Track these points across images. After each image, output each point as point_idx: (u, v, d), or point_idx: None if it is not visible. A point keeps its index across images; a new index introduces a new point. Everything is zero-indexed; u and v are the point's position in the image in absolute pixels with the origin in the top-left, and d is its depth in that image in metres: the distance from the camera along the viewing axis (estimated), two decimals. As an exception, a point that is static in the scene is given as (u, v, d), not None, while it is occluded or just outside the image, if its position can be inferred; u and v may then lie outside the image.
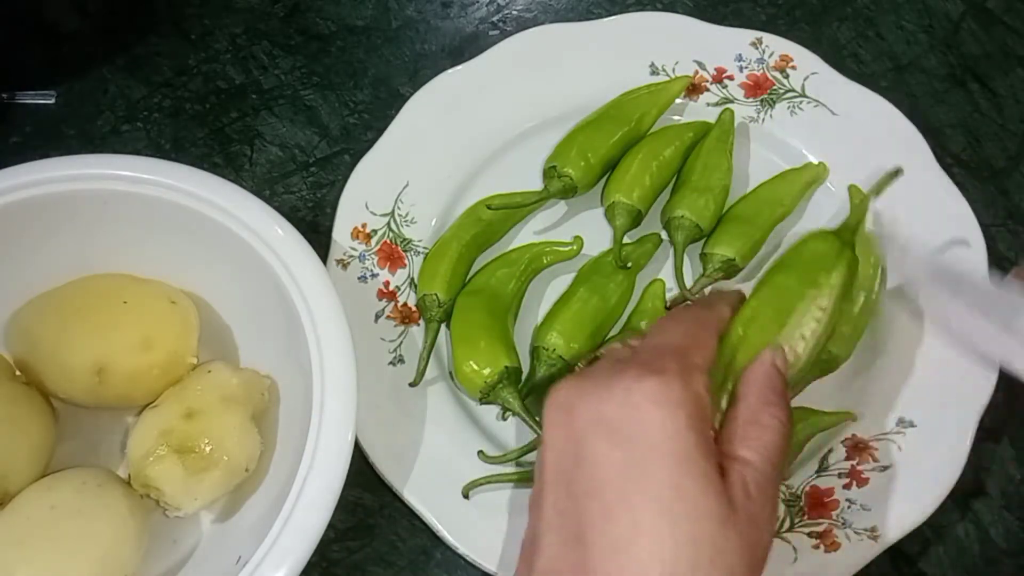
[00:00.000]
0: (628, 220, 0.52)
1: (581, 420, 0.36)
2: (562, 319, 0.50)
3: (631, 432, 0.35)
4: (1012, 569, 0.49)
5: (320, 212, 0.56)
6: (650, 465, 0.34)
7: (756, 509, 0.35)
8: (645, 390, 0.35)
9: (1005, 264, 0.54)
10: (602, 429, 0.35)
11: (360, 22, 0.61)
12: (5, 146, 0.57)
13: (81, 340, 0.46)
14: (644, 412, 0.35)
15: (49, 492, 0.44)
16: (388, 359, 0.51)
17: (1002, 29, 0.61)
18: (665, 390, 0.35)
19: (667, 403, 0.35)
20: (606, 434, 0.35)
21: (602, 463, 0.35)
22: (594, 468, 0.35)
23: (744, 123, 0.56)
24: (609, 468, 0.35)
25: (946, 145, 0.57)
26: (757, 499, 0.36)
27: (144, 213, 0.46)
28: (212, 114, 0.59)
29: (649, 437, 0.35)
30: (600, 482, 0.35)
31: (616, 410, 0.36)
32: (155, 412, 0.46)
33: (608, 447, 0.35)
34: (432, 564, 0.49)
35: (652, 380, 0.36)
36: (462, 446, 0.49)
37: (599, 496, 0.35)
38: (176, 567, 0.47)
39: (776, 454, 0.37)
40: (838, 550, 0.46)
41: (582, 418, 0.36)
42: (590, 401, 0.36)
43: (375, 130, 0.56)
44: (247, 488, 0.47)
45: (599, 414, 0.36)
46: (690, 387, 0.36)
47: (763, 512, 0.36)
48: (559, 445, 0.37)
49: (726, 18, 0.60)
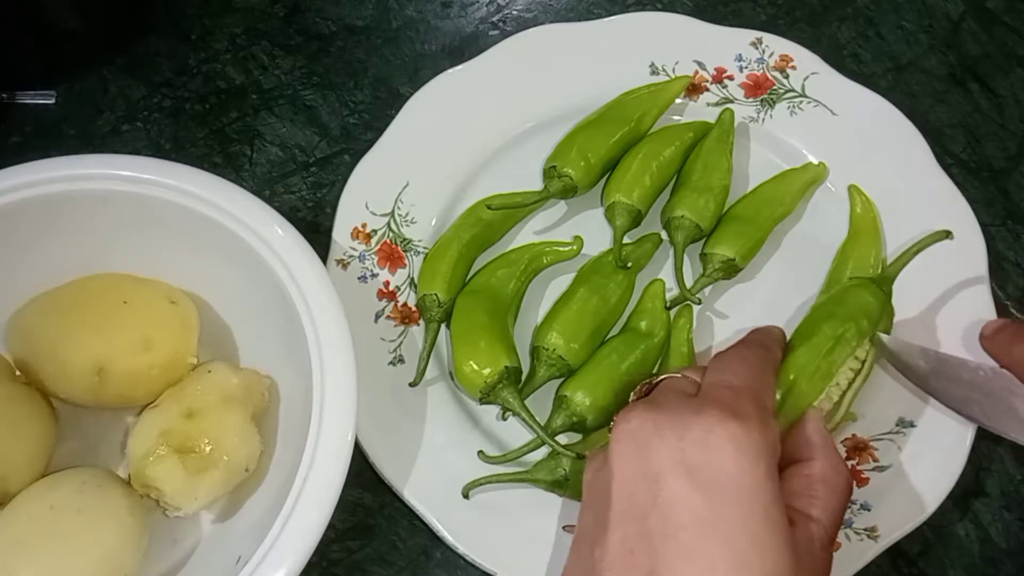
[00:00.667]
0: (628, 220, 0.52)
1: (659, 457, 0.35)
2: (562, 319, 0.50)
3: (713, 476, 0.34)
4: (1012, 569, 0.49)
5: (320, 212, 0.56)
6: (730, 512, 0.33)
7: (819, 567, 0.36)
8: (728, 434, 0.35)
9: (1005, 264, 0.54)
10: (682, 469, 0.34)
11: (360, 22, 0.61)
12: (5, 146, 0.57)
13: (81, 340, 0.46)
14: (728, 457, 0.34)
15: (49, 492, 0.44)
16: (388, 359, 0.51)
17: (1002, 29, 0.61)
18: (747, 437, 0.35)
19: (750, 450, 0.34)
20: (686, 475, 0.34)
21: (682, 505, 0.34)
22: (672, 509, 0.34)
23: (744, 123, 0.56)
24: (689, 511, 0.34)
25: (946, 145, 0.57)
26: (821, 557, 0.36)
27: (144, 213, 0.46)
28: (212, 114, 0.59)
29: (731, 483, 0.34)
30: (678, 524, 0.34)
31: (698, 452, 0.35)
32: (155, 412, 0.46)
33: (689, 489, 0.34)
34: (432, 564, 0.49)
35: (735, 424, 0.35)
36: (462, 446, 0.49)
37: (676, 538, 0.33)
38: (176, 567, 0.47)
39: (841, 516, 0.38)
40: (838, 550, 0.46)
41: (661, 455, 0.35)
42: (669, 438, 0.35)
43: (375, 130, 0.56)
44: (247, 488, 0.47)
45: (680, 453, 0.35)
46: (768, 435, 0.35)
47: (824, 570, 0.36)
48: (631, 482, 0.35)
49: (726, 18, 0.60)
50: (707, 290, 0.53)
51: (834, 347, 0.44)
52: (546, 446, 0.47)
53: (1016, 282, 0.54)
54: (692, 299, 0.51)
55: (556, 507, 0.48)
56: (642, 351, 0.50)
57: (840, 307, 0.46)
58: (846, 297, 0.47)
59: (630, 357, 0.49)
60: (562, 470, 0.47)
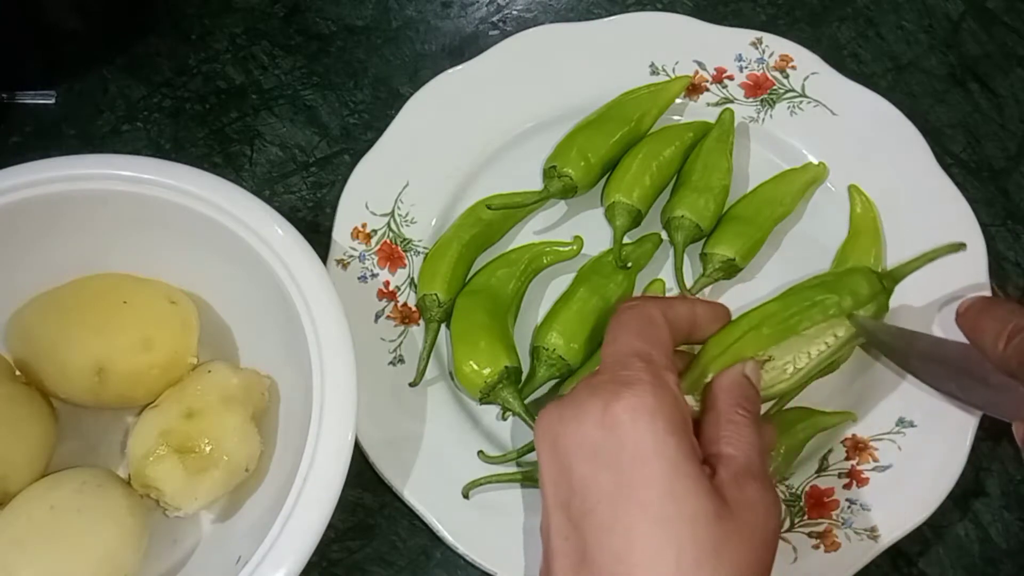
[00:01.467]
0: (628, 220, 0.52)
1: (565, 447, 0.37)
2: (562, 319, 0.50)
3: (613, 451, 0.36)
4: (1012, 569, 0.49)
5: (320, 212, 0.56)
6: (637, 477, 0.35)
7: (752, 495, 0.36)
8: (621, 407, 0.36)
9: (1005, 264, 0.54)
10: (585, 453, 0.36)
11: (360, 22, 0.61)
12: (5, 146, 0.57)
13: (81, 340, 0.46)
14: (622, 429, 0.36)
15: (49, 492, 0.44)
16: (388, 359, 0.51)
17: (1002, 29, 0.61)
18: (638, 402, 0.36)
19: (644, 414, 0.36)
20: (590, 457, 0.36)
21: (591, 486, 0.36)
22: (585, 492, 0.36)
23: (744, 123, 0.56)
24: (599, 489, 0.36)
25: (946, 145, 0.57)
26: (749, 487, 0.36)
27: (144, 213, 0.46)
28: (212, 114, 0.59)
29: (631, 452, 0.35)
30: (594, 503, 0.36)
31: (595, 431, 0.36)
32: (155, 412, 0.46)
33: (594, 469, 0.36)
34: (432, 564, 0.49)
35: (626, 395, 0.36)
36: (462, 446, 0.49)
37: (594, 516, 0.36)
38: (176, 567, 0.47)
39: (755, 444, 0.38)
40: (838, 550, 0.46)
41: (565, 445, 0.37)
42: (569, 426, 0.37)
43: (375, 130, 0.56)
44: (247, 488, 0.47)
45: (580, 438, 0.37)
46: (662, 392, 0.37)
47: (760, 498, 0.36)
48: (552, 475, 0.38)
49: (726, 18, 0.60)
50: (707, 290, 0.53)
51: (809, 308, 0.44)
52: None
53: (1016, 282, 0.54)
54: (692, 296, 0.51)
55: (556, 507, 0.48)
56: (642, 351, 0.50)
57: (831, 280, 0.46)
58: (841, 275, 0.46)
59: (630, 357, 0.49)
60: (562, 470, 0.47)
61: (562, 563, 0.36)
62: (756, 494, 0.36)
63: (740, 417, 0.39)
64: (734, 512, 0.35)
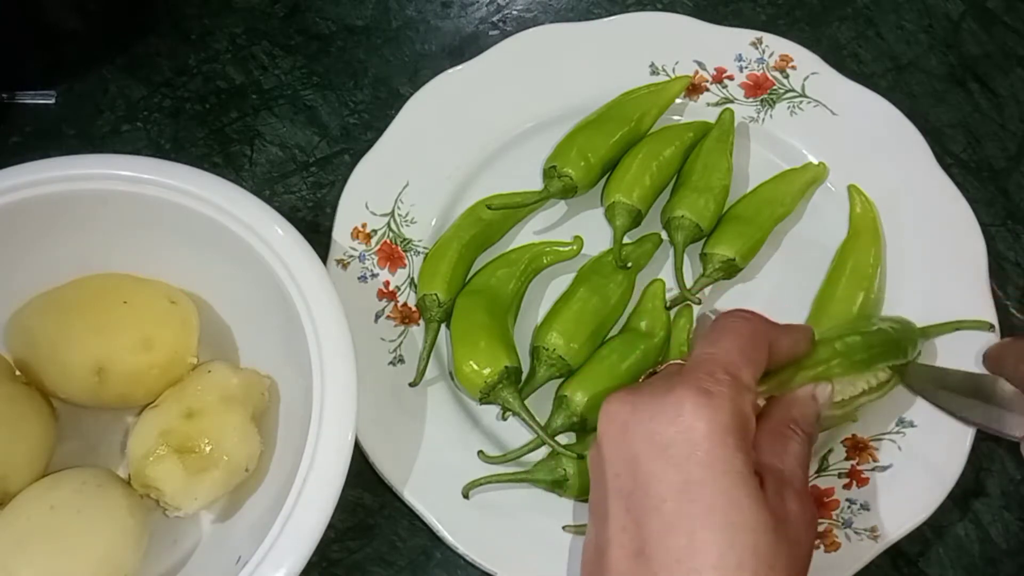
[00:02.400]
0: (628, 220, 0.52)
1: (635, 438, 0.37)
2: (562, 319, 0.50)
3: (684, 453, 0.36)
4: (1012, 569, 0.49)
5: (320, 212, 0.56)
6: (706, 483, 0.36)
7: (792, 509, 0.37)
8: (697, 412, 0.36)
9: (1005, 264, 0.54)
10: (655, 449, 0.37)
11: (360, 22, 0.61)
12: (5, 146, 0.57)
13: (81, 340, 0.46)
14: (697, 435, 0.36)
15: (49, 492, 0.44)
16: (388, 359, 0.51)
17: (1002, 29, 0.61)
18: (714, 412, 0.37)
19: (718, 424, 0.36)
20: (659, 453, 0.36)
21: (659, 482, 0.36)
22: (650, 487, 0.36)
23: (744, 123, 0.56)
24: (666, 487, 0.36)
25: (946, 145, 0.57)
26: (791, 501, 0.38)
27: (144, 213, 0.46)
28: (212, 114, 0.59)
29: (702, 458, 0.36)
30: (658, 499, 0.36)
31: (668, 430, 0.37)
32: (155, 412, 0.46)
33: (663, 466, 0.36)
34: (432, 564, 0.49)
35: (703, 401, 0.37)
36: (462, 446, 0.49)
37: (658, 513, 0.36)
38: (176, 567, 0.47)
39: (800, 459, 0.40)
40: (838, 550, 0.46)
41: (635, 435, 0.37)
42: (643, 418, 0.37)
43: (375, 130, 0.56)
44: (247, 488, 0.47)
45: (652, 433, 0.37)
46: (738, 409, 0.37)
47: (800, 512, 0.38)
48: (616, 463, 0.38)
49: (726, 18, 0.60)
50: (707, 290, 0.53)
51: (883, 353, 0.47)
52: (546, 446, 0.47)
53: (1016, 282, 0.54)
54: (692, 299, 0.51)
55: (556, 507, 0.48)
56: (642, 351, 0.50)
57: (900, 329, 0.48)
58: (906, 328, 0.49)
59: (630, 357, 0.49)
60: (562, 470, 0.47)
61: (617, 553, 0.37)
62: (796, 507, 0.37)
63: (791, 432, 0.40)
64: (781, 524, 0.36)
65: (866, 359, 0.46)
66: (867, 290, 0.51)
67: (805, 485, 0.39)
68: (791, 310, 0.52)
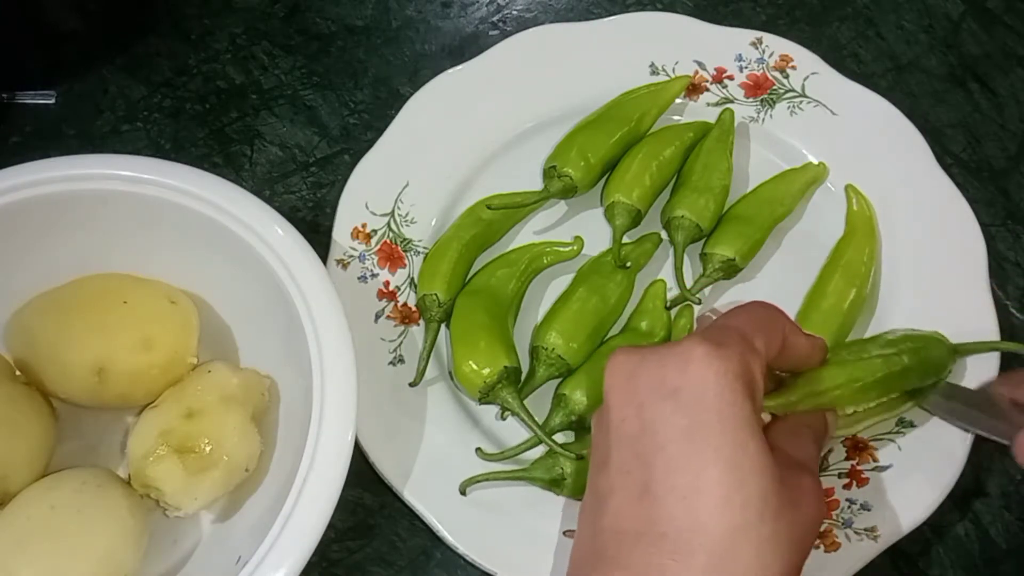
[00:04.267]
0: (627, 220, 0.52)
1: (643, 385, 0.37)
2: (561, 319, 0.50)
3: (693, 397, 0.36)
4: (1012, 569, 0.49)
5: (320, 212, 0.56)
6: (714, 426, 0.35)
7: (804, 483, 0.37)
8: (704, 356, 0.36)
9: (1005, 264, 0.54)
10: (663, 394, 0.36)
11: (360, 22, 0.61)
12: (5, 146, 0.57)
13: (81, 340, 0.46)
14: (704, 377, 0.36)
15: (49, 492, 0.44)
16: (388, 359, 0.51)
17: (1002, 29, 0.61)
18: (723, 360, 0.36)
19: (726, 372, 0.36)
20: (668, 398, 0.36)
21: (666, 426, 0.36)
22: (656, 429, 0.36)
23: (744, 123, 0.56)
24: (673, 430, 0.35)
25: (946, 145, 0.57)
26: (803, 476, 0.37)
27: (144, 213, 0.46)
28: (212, 114, 0.59)
29: (711, 402, 0.35)
30: (665, 440, 0.35)
31: (676, 375, 0.36)
32: (155, 412, 0.46)
33: (671, 411, 0.36)
34: (432, 564, 0.49)
35: (711, 348, 0.36)
36: (462, 446, 0.49)
37: (664, 453, 0.35)
38: (176, 567, 0.47)
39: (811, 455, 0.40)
40: (838, 550, 0.46)
41: (644, 383, 0.37)
42: (650, 366, 0.37)
43: (375, 130, 0.56)
44: (247, 488, 0.46)
45: (660, 379, 0.37)
46: (747, 363, 0.37)
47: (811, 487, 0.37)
48: (621, 410, 0.37)
49: (726, 18, 0.60)
50: (707, 290, 0.53)
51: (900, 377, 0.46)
52: (544, 444, 0.47)
53: (1016, 282, 0.54)
54: (692, 299, 0.51)
55: (557, 507, 0.48)
56: (642, 351, 0.50)
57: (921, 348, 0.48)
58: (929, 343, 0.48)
59: (630, 357, 0.49)
60: (559, 469, 0.47)
61: (621, 496, 0.36)
62: (811, 485, 0.37)
63: (805, 430, 0.41)
64: (791, 490, 0.36)
65: (881, 390, 0.46)
66: (859, 287, 0.51)
67: (816, 472, 0.39)
68: (791, 310, 0.52)
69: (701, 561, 0.34)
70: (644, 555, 0.34)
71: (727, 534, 0.34)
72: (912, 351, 0.47)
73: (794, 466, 0.37)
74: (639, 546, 0.35)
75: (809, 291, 0.52)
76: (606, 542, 0.36)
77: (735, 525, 0.34)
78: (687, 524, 0.34)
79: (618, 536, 0.35)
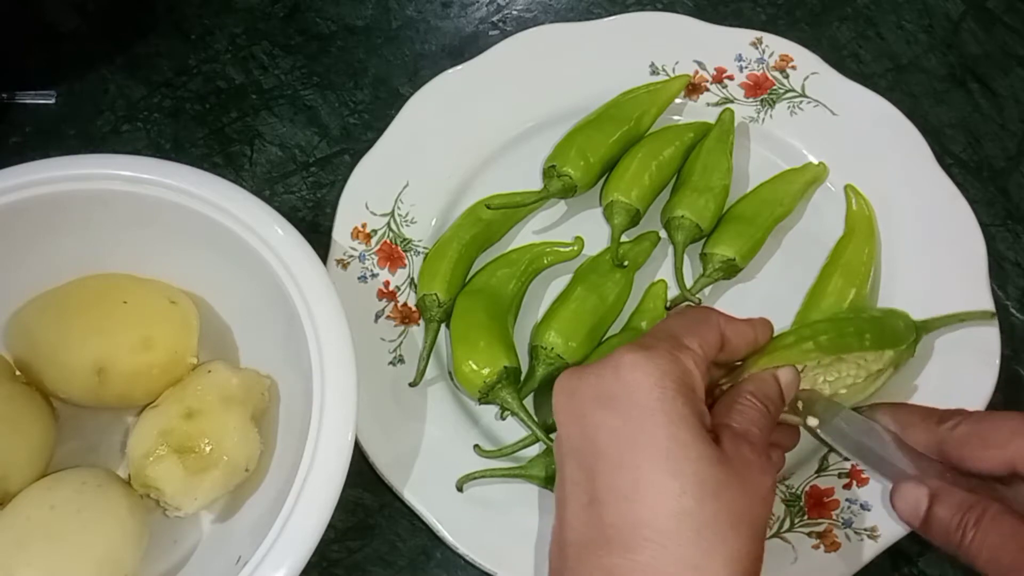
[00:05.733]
0: (626, 219, 0.52)
1: (582, 397, 0.39)
2: (560, 318, 0.50)
3: (624, 399, 0.38)
4: (1012, 569, 0.49)
5: (320, 212, 0.56)
6: (646, 423, 0.37)
7: (747, 455, 0.38)
8: (632, 361, 0.38)
9: (1005, 264, 0.54)
10: (600, 403, 0.38)
11: (360, 22, 0.61)
12: (5, 146, 0.57)
13: (81, 340, 0.46)
14: (634, 380, 0.38)
15: (49, 492, 0.44)
16: (388, 359, 0.51)
17: (1002, 29, 0.61)
18: (650, 362, 0.38)
19: (654, 371, 0.38)
20: (603, 404, 0.38)
21: (604, 432, 0.38)
22: (596, 436, 0.38)
23: (744, 123, 0.56)
24: (610, 435, 0.37)
25: (946, 145, 0.57)
26: (744, 447, 0.38)
27: (144, 213, 0.46)
28: (212, 114, 0.59)
29: (642, 402, 0.37)
30: (604, 446, 0.37)
31: (611, 383, 0.38)
32: (155, 412, 0.46)
33: (605, 415, 0.38)
34: (432, 564, 0.49)
35: (639, 353, 0.39)
36: (462, 446, 0.49)
37: (604, 458, 0.37)
38: (176, 567, 0.47)
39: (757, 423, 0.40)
40: (838, 550, 0.46)
41: (582, 395, 0.39)
42: (589, 380, 0.39)
43: (375, 130, 0.56)
44: (247, 488, 0.47)
45: (596, 389, 0.39)
46: (677, 361, 0.39)
47: (755, 458, 0.38)
48: (568, 427, 0.39)
49: (726, 18, 0.60)
50: (707, 290, 0.53)
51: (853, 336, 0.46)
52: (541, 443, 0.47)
53: (1016, 282, 0.54)
54: (692, 299, 0.51)
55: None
56: (642, 351, 0.50)
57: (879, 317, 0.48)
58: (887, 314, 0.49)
59: (630, 357, 0.49)
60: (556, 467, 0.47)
61: (572, 508, 0.38)
62: (751, 454, 0.38)
63: (746, 399, 0.41)
64: (732, 465, 0.37)
65: (835, 341, 0.45)
66: (859, 287, 0.51)
67: (763, 443, 0.39)
68: (791, 310, 0.52)
69: (647, 555, 0.35)
70: (596, 559, 0.36)
71: (667, 524, 0.35)
72: (871, 319, 0.47)
73: (737, 439, 0.38)
74: (591, 552, 0.36)
75: (809, 291, 0.52)
76: (566, 554, 0.37)
77: (673, 513, 0.35)
78: (630, 521, 0.36)
79: (575, 546, 0.37)
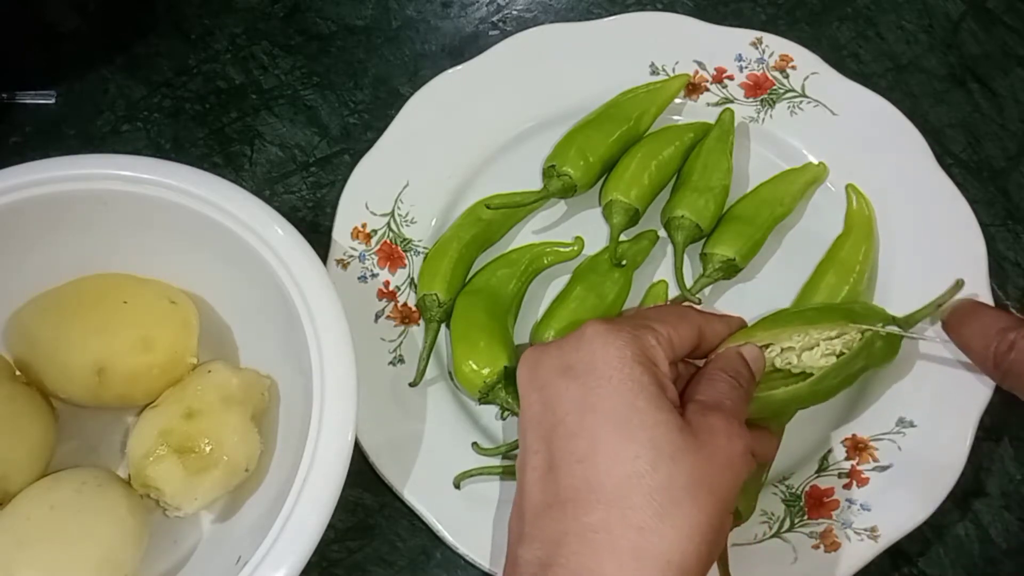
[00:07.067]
0: (625, 218, 0.52)
1: (544, 370, 0.40)
2: (559, 317, 0.50)
3: (585, 368, 0.39)
4: (1012, 569, 0.49)
5: (320, 212, 0.56)
6: (603, 390, 0.38)
7: (714, 422, 0.38)
8: (594, 333, 0.39)
9: (1005, 264, 0.54)
10: (559, 371, 0.39)
11: (360, 22, 0.61)
12: (5, 146, 0.57)
13: (81, 340, 0.46)
14: (594, 350, 0.39)
15: (49, 492, 0.44)
16: (388, 359, 0.51)
17: (1002, 29, 0.61)
18: (611, 333, 0.39)
19: (615, 341, 0.39)
20: (563, 374, 0.39)
21: (561, 397, 0.39)
22: (555, 404, 0.39)
23: (744, 123, 0.56)
24: (569, 403, 0.38)
25: (946, 145, 0.57)
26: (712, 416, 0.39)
27: (144, 213, 0.46)
28: (212, 114, 0.59)
29: (601, 370, 0.38)
30: (563, 414, 0.38)
31: (571, 353, 0.40)
32: (155, 412, 0.46)
33: (566, 383, 0.39)
34: (432, 564, 0.49)
35: (602, 325, 0.40)
36: (462, 446, 0.49)
37: (562, 425, 0.38)
38: (176, 567, 0.47)
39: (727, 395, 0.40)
40: (838, 550, 0.46)
41: (545, 369, 0.40)
42: (551, 352, 0.40)
43: (375, 130, 0.56)
44: (247, 488, 0.47)
45: (557, 360, 0.40)
46: (639, 336, 0.40)
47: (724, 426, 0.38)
48: (529, 397, 0.40)
49: (726, 18, 0.60)
50: (707, 290, 0.53)
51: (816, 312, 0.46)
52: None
53: (1016, 282, 0.54)
54: (692, 299, 0.51)
55: (556, 507, 0.48)
56: (642, 351, 0.50)
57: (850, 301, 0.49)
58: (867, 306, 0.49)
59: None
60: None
61: (531, 476, 0.38)
62: (719, 422, 0.38)
63: (718, 375, 0.41)
64: (696, 433, 0.37)
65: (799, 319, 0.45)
66: (852, 284, 0.51)
67: (735, 412, 0.40)
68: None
69: (596, 517, 0.35)
70: (553, 523, 0.37)
71: (618, 486, 0.36)
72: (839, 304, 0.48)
73: (705, 410, 0.39)
74: (549, 516, 0.37)
75: (802, 287, 0.53)
76: (524, 520, 0.38)
77: (625, 476, 0.36)
78: (584, 485, 0.36)
79: (533, 512, 0.38)
